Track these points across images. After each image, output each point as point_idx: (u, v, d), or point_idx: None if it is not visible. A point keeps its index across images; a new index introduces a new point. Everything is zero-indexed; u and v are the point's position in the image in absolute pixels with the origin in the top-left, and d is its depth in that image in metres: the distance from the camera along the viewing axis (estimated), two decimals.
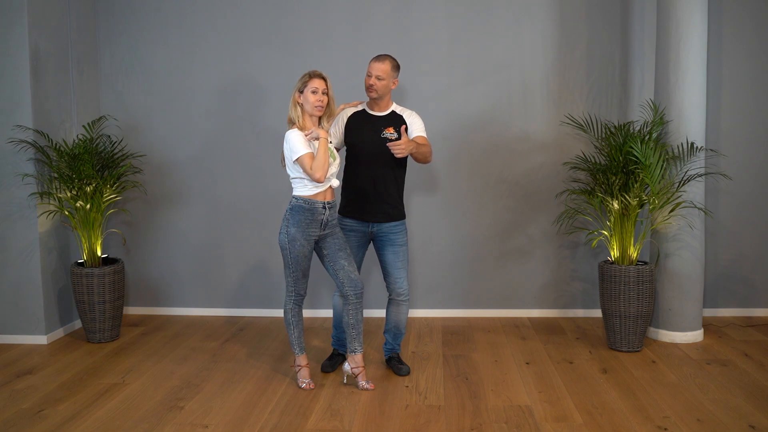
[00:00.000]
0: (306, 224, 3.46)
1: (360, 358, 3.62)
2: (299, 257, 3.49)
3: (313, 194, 3.46)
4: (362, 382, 3.59)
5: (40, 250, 4.38)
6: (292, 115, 3.47)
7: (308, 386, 3.60)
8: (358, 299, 3.58)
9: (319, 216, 3.48)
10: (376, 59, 3.64)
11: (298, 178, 3.47)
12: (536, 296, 4.98)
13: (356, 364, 3.61)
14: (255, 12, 4.89)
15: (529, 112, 4.86)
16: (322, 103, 3.44)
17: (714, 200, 4.78)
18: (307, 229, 3.46)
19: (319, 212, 3.47)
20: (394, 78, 3.68)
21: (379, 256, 3.80)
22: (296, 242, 3.47)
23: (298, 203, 3.47)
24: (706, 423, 3.14)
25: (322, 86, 3.43)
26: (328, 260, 3.58)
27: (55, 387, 3.65)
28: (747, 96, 4.80)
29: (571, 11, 4.81)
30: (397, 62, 3.69)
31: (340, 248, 3.57)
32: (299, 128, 3.45)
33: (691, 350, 4.18)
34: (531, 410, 3.31)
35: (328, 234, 3.55)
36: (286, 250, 3.49)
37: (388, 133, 3.66)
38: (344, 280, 3.56)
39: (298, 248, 3.48)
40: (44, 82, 4.41)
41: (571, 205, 4.68)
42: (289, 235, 3.47)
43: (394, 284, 3.76)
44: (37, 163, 4.36)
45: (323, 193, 3.49)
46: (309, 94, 3.42)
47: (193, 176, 5.02)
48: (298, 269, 3.53)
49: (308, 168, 3.37)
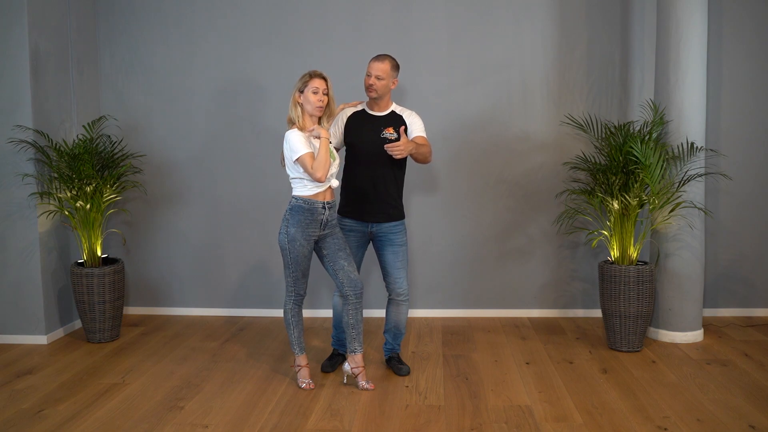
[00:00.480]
0: (306, 224, 3.46)
1: (360, 358, 3.62)
2: (299, 257, 3.49)
3: (312, 194, 3.46)
4: (362, 382, 3.59)
5: (40, 250, 4.38)
6: (291, 114, 3.47)
7: (308, 386, 3.60)
8: (358, 299, 3.58)
9: (318, 216, 3.48)
10: (375, 59, 3.64)
11: (297, 178, 3.47)
12: (536, 296, 4.98)
13: (356, 364, 3.61)
14: (255, 12, 4.89)
15: (529, 112, 4.86)
16: (322, 103, 3.44)
17: (714, 200, 4.78)
18: (306, 229, 3.46)
19: (319, 212, 3.47)
20: (393, 78, 3.68)
21: (378, 256, 3.80)
22: (296, 242, 3.46)
23: (298, 203, 3.47)
24: (706, 423, 3.14)
25: (322, 86, 3.43)
26: (328, 260, 3.58)
27: (55, 387, 3.65)
28: (747, 96, 4.81)
29: (571, 11, 4.81)
30: (396, 62, 3.69)
31: (339, 248, 3.57)
32: (299, 128, 3.45)
33: (691, 350, 4.18)
34: (531, 410, 3.31)
35: (327, 234, 3.55)
36: (286, 251, 3.49)
37: (388, 133, 3.66)
38: (344, 280, 3.56)
39: (298, 248, 3.47)
40: (44, 82, 4.41)
41: (571, 205, 4.68)
42: (289, 235, 3.46)
43: (394, 284, 3.76)
44: (37, 163, 4.36)
45: (323, 193, 3.48)
46: (310, 94, 3.42)
47: (193, 176, 5.02)
48: (298, 269, 3.53)
49: (309, 167, 3.37)
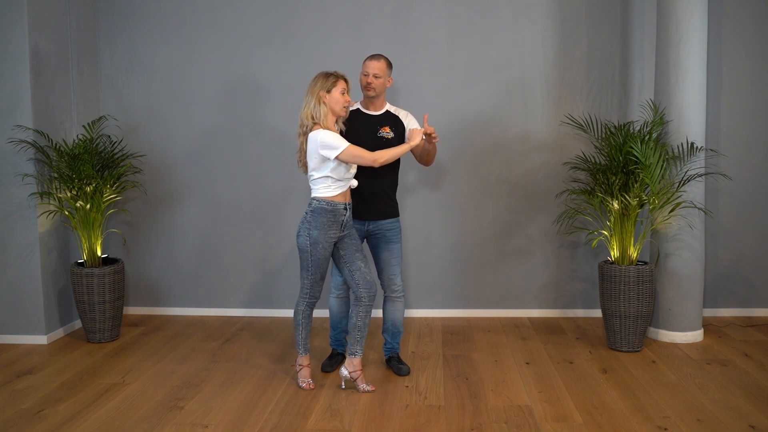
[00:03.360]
0: (328, 226, 3.45)
1: (358, 362, 3.59)
2: (320, 260, 3.49)
3: (335, 195, 3.45)
4: (362, 385, 3.57)
5: (40, 250, 4.38)
6: (315, 113, 3.43)
7: (308, 386, 3.60)
8: (371, 302, 3.56)
9: (340, 217, 3.47)
10: (371, 58, 3.68)
11: (322, 177, 3.43)
12: (536, 296, 4.98)
13: (354, 368, 3.58)
14: (255, 12, 4.89)
15: (529, 112, 4.86)
16: (349, 104, 3.51)
17: (714, 200, 4.78)
18: (328, 231, 3.46)
19: (341, 213, 3.47)
20: (389, 76, 3.73)
21: (374, 254, 3.80)
22: (318, 245, 3.45)
23: (320, 205, 3.44)
24: (706, 423, 3.15)
25: (347, 87, 3.49)
26: (345, 261, 3.57)
27: (55, 387, 3.65)
28: (747, 96, 4.80)
29: (571, 11, 4.81)
30: (389, 60, 3.75)
31: (356, 249, 3.57)
32: (324, 128, 3.43)
33: (691, 350, 4.18)
34: (531, 410, 3.31)
35: (345, 235, 3.55)
36: (307, 253, 3.48)
37: (384, 132, 3.68)
38: (360, 281, 3.55)
39: (320, 251, 3.47)
40: (44, 82, 4.41)
41: (571, 205, 4.68)
42: (311, 237, 3.45)
43: (390, 281, 3.77)
44: (37, 163, 4.36)
45: (343, 194, 3.48)
46: (338, 95, 3.43)
47: (193, 176, 5.02)
48: (318, 272, 3.52)
49: (361, 154, 3.36)
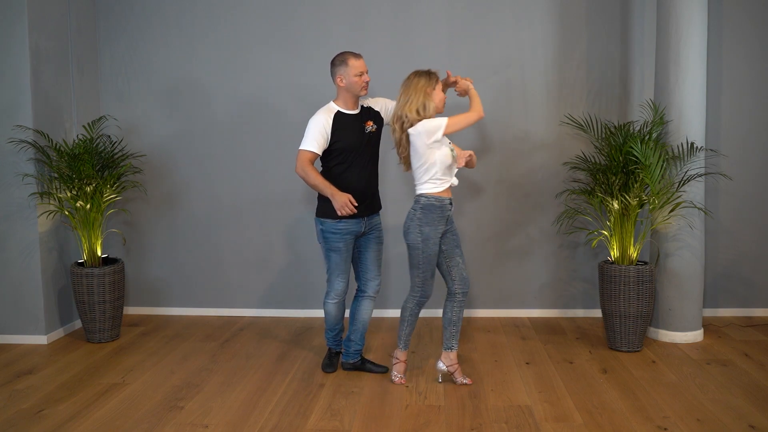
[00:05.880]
0: (437, 222, 3.50)
1: (455, 356, 3.64)
2: (431, 256, 3.52)
3: (442, 191, 3.50)
4: (460, 378, 3.63)
5: (40, 250, 4.38)
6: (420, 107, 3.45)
7: (400, 381, 3.66)
8: (465, 297, 3.62)
9: (446, 212, 3.53)
10: (359, 57, 3.64)
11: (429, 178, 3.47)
12: (536, 296, 4.98)
13: (451, 362, 3.64)
14: (255, 12, 4.89)
15: (529, 112, 4.86)
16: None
17: (714, 200, 4.78)
18: (437, 227, 3.51)
19: (447, 208, 3.53)
20: None
21: (361, 252, 3.76)
22: (429, 241, 3.49)
23: (430, 201, 3.49)
24: (706, 423, 3.15)
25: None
26: (445, 256, 3.60)
27: (55, 387, 3.66)
28: (747, 96, 4.80)
29: (571, 11, 4.81)
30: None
31: (457, 245, 3.62)
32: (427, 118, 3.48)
33: (691, 350, 4.18)
34: (531, 410, 3.31)
35: (448, 230, 3.60)
36: (419, 250, 3.51)
37: (369, 126, 3.70)
38: (456, 277, 3.60)
39: (432, 247, 3.51)
40: (44, 82, 4.41)
41: (571, 205, 4.68)
42: (423, 234, 3.49)
43: (374, 280, 3.78)
44: (37, 163, 4.36)
45: (447, 190, 3.54)
46: (439, 91, 3.51)
47: (193, 176, 5.02)
48: (429, 269, 3.55)
49: (464, 116, 3.46)
